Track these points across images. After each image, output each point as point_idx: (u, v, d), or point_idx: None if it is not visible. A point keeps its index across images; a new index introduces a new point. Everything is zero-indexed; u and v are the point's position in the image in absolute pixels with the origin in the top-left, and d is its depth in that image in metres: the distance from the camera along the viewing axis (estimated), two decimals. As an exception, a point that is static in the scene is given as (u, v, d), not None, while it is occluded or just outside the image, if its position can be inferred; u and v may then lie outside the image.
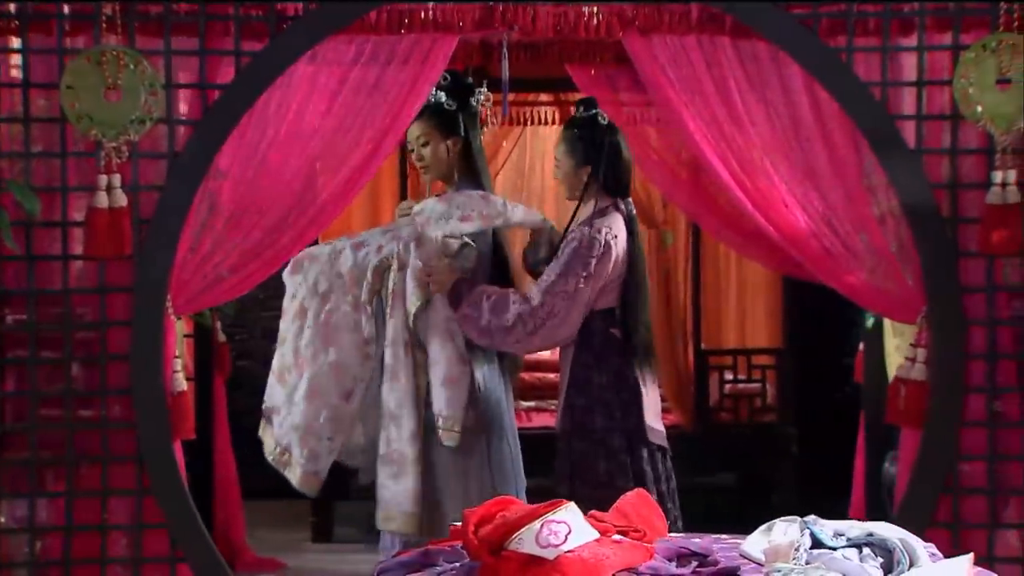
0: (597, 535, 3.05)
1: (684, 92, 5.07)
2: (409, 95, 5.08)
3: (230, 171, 5.06)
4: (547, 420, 7.70)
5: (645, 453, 5.11)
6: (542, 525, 2.98)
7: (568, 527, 2.99)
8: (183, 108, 5.11)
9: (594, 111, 5.33)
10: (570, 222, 5.23)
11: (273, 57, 5.01)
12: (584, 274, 4.99)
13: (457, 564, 3.20)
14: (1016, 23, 4.89)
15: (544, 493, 5.45)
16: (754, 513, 4.34)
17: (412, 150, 5.25)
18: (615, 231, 5.10)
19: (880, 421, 6.94)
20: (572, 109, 8.70)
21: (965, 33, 4.95)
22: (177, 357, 5.11)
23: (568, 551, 2.97)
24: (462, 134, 5.18)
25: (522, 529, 2.99)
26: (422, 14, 5.06)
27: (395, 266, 5.02)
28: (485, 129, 5.70)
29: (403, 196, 8.52)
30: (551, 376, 8.33)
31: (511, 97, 8.47)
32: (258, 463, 5.22)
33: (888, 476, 6.89)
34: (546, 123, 8.86)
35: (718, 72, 5.05)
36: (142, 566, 5.08)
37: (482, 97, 5.30)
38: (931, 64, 5.00)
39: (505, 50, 6.07)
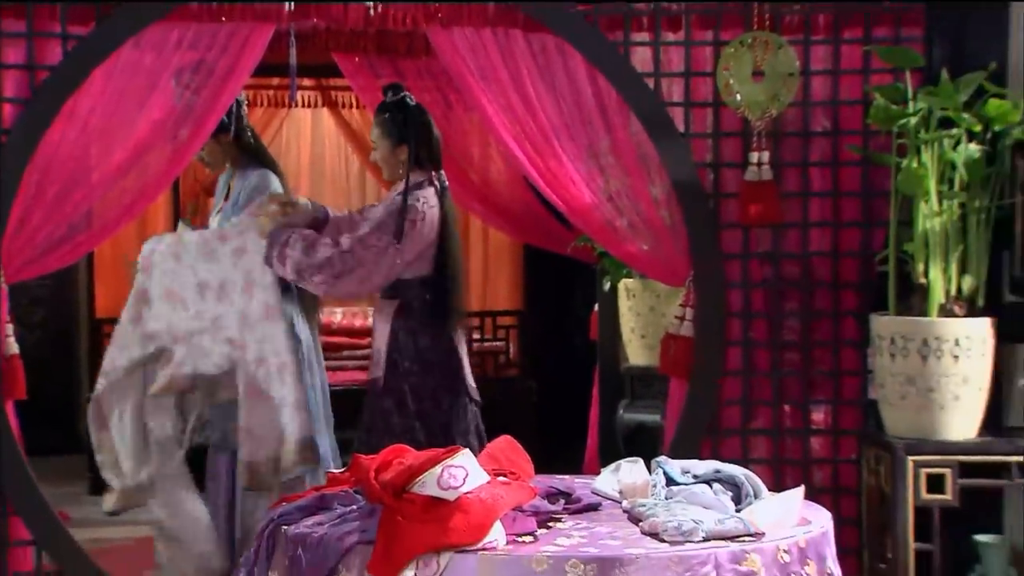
0: (488, 478, 3.07)
1: (482, 80, 5.07)
2: (228, 79, 4.98)
3: (59, 148, 4.86)
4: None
5: (468, 406, 5.17)
6: (443, 470, 2.99)
7: (466, 471, 3.01)
8: (9, 88, 4.88)
9: (402, 94, 5.23)
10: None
11: (99, 41, 4.86)
12: (395, 233, 4.95)
13: (355, 507, 3.18)
14: (768, 22, 5.07)
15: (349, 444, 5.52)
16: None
17: None
18: (430, 202, 5.07)
19: (613, 373, 7.16)
20: (336, 94, 8.76)
21: (725, 30, 5.09)
22: (8, 322, 4.89)
23: (467, 492, 2.99)
24: (228, 129, 5.25)
25: (424, 474, 2.99)
26: (239, 4, 4.94)
27: None
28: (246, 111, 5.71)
29: (175, 195, 8.45)
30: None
31: (275, 82, 8.44)
32: (31, 421, 5.09)
33: (622, 423, 7.09)
34: (308, 106, 8.82)
35: (512, 62, 5.07)
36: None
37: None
38: (696, 57, 5.13)
39: (292, 38, 6.01)
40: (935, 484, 4.51)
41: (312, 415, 5.12)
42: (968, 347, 4.50)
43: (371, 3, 5.08)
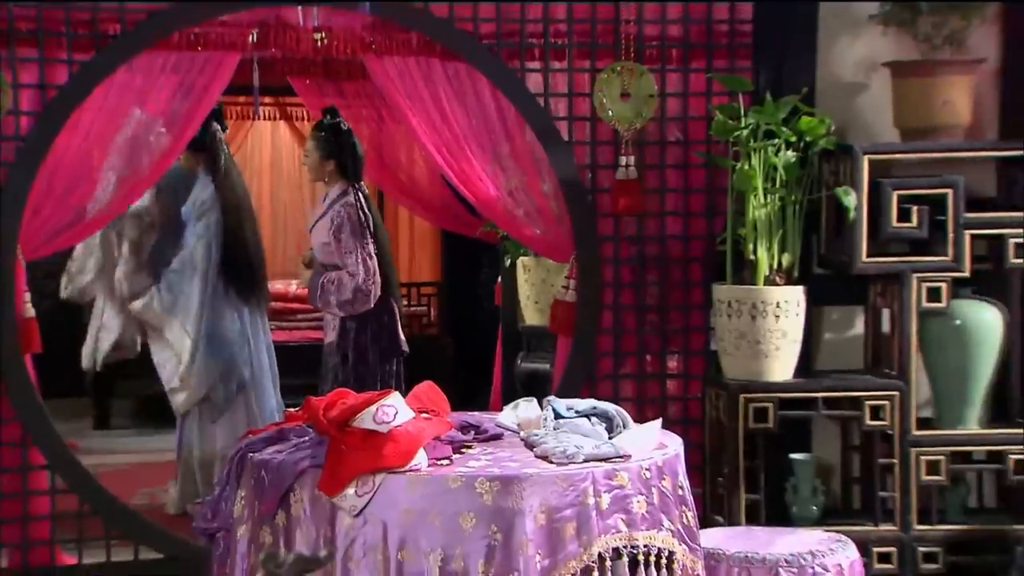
0: (414, 414, 3.06)
1: (408, 99, 5.02)
2: (203, 96, 4.92)
3: (66, 152, 4.77)
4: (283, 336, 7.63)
5: (397, 359, 5.23)
6: (377, 408, 2.98)
7: (396, 409, 3.00)
8: (25, 103, 4.77)
9: (337, 119, 5.34)
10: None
11: (98, 65, 4.74)
12: (368, 236, 5.04)
13: (307, 438, 3.16)
14: (632, 54, 5.07)
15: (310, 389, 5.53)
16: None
17: None
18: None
19: (513, 331, 7.17)
20: (291, 109, 8.66)
21: (599, 60, 5.06)
22: (26, 291, 4.80)
23: (397, 426, 2.98)
24: (206, 148, 5.48)
25: (363, 411, 2.98)
26: (213, 35, 4.87)
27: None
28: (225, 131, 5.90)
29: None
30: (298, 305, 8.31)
31: (242, 99, 8.31)
32: (45, 370, 5.03)
33: (520, 371, 7.09)
34: (269, 119, 8.71)
35: (431, 84, 5.02)
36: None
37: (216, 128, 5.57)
38: (577, 81, 5.11)
39: (255, 64, 5.98)
40: (760, 415, 4.58)
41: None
42: (786, 309, 4.57)
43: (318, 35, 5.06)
